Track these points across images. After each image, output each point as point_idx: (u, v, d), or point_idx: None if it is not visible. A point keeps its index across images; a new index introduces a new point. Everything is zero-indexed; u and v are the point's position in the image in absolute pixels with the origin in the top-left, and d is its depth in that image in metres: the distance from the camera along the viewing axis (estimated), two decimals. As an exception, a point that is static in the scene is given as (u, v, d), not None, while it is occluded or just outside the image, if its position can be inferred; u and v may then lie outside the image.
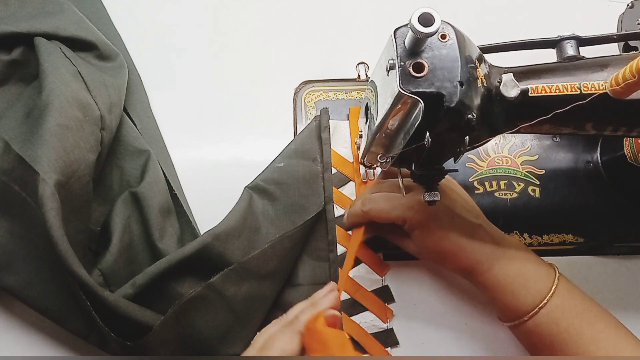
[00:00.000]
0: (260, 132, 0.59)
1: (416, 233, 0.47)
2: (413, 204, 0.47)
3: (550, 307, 0.43)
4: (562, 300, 0.43)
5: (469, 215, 0.47)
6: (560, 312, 0.43)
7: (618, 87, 0.35)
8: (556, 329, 0.43)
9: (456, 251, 0.46)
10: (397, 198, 0.48)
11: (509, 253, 0.46)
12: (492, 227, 0.48)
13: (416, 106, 0.35)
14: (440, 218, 0.46)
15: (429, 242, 0.47)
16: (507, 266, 0.45)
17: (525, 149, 0.57)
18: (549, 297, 0.43)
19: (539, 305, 0.43)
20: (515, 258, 0.45)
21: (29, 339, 0.50)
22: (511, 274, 0.45)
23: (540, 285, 0.44)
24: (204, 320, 0.46)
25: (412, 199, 0.47)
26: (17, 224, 0.47)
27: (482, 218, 0.48)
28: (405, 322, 0.52)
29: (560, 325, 0.43)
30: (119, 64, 0.56)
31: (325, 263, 0.52)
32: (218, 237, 0.48)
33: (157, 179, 0.52)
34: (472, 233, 0.46)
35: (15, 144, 0.46)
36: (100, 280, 0.47)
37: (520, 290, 0.44)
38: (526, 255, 0.46)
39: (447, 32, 0.36)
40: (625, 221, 0.55)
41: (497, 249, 0.46)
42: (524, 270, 0.45)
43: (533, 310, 0.43)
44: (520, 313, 0.44)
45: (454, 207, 0.47)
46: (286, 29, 0.64)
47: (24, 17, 0.54)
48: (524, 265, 0.45)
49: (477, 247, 0.46)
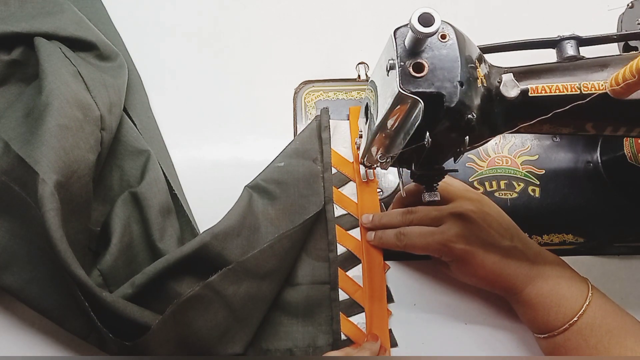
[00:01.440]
0: (260, 132, 0.59)
1: (452, 264, 0.48)
2: (445, 239, 0.47)
3: (581, 325, 0.43)
4: (592, 318, 0.44)
5: (502, 241, 0.47)
6: (590, 330, 0.43)
7: (618, 87, 0.35)
8: (584, 344, 0.43)
9: (492, 278, 0.47)
10: (430, 234, 0.48)
11: (543, 271, 0.46)
12: (527, 245, 0.48)
13: (416, 106, 0.35)
14: (474, 250, 0.46)
15: (466, 272, 0.48)
16: (541, 285, 0.46)
17: (525, 149, 0.57)
18: (579, 314, 0.44)
19: (569, 322, 0.44)
20: (549, 276, 0.46)
21: (29, 339, 0.50)
22: (544, 292, 0.45)
23: (573, 303, 0.44)
24: (203, 319, 0.46)
25: (444, 234, 0.47)
26: (17, 224, 0.47)
27: (517, 237, 0.48)
28: (405, 322, 0.52)
29: (589, 342, 0.43)
30: (119, 64, 0.56)
31: (325, 263, 0.52)
32: (217, 236, 0.48)
33: (157, 179, 0.52)
34: (507, 258, 0.46)
35: (15, 144, 0.46)
36: (100, 280, 0.47)
37: (552, 307, 0.45)
38: (560, 272, 0.46)
39: (447, 32, 0.36)
40: (625, 221, 0.55)
41: (531, 269, 0.46)
42: (557, 288, 0.45)
43: (563, 327, 0.44)
44: (550, 328, 0.45)
45: (486, 236, 0.47)
46: (286, 29, 0.64)
47: (24, 17, 0.54)
48: (558, 284, 0.45)
49: (513, 270, 0.46)
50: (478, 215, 0.47)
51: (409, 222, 0.50)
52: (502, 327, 0.52)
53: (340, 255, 0.52)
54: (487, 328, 0.52)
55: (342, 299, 0.51)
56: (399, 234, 0.49)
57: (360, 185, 0.54)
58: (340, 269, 0.52)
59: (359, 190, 0.54)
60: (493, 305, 0.52)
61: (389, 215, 0.51)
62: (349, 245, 0.53)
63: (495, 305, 0.52)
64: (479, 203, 0.48)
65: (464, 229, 0.46)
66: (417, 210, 0.50)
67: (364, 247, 0.52)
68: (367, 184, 0.54)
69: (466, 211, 0.47)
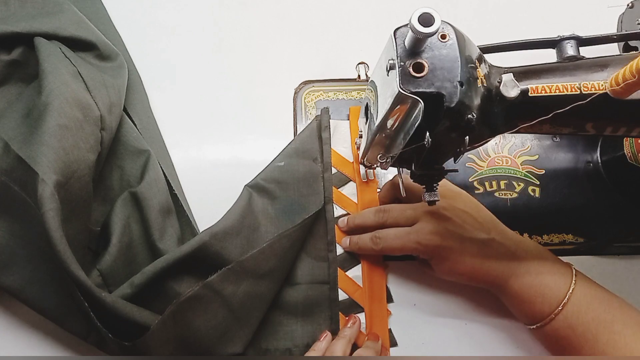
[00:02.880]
0: (260, 132, 0.59)
1: (432, 262, 0.48)
2: (420, 238, 0.47)
3: (566, 314, 0.43)
4: (578, 306, 0.43)
5: (479, 234, 0.47)
6: (576, 318, 0.43)
7: (618, 87, 0.35)
8: (572, 333, 0.43)
9: (472, 272, 0.47)
10: (405, 233, 0.48)
11: (524, 262, 0.46)
12: (506, 236, 0.47)
13: (416, 106, 0.35)
14: (450, 246, 0.46)
15: (445, 268, 0.48)
16: (524, 276, 0.45)
17: (525, 149, 0.57)
18: (564, 302, 0.43)
19: (554, 312, 0.44)
20: (531, 266, 0.46)
21: (29, 339, 0.50)
22: (528, 283, 0.45)
23: (556, 291, 0.44)
24: (202, 319, 0.46)
25: (419, 233, 0.47)
26: (16, 224, 0.47)
27: (495, 230, 0.48)
28: (405, 322, 0.52)
29: (577, 330, 0.43)
30: (119, 64, 0.56)
31: (325, 263, 0.52)
32: (215, 235, 0.48)
33: (157, 178, 0.52)
34: (485, 251, 0.46)
35: (15, 144, 0.46)
36: (99, 280, 0.47)
37: (537, 297, 0.45)
38: (542, 261, 0.46)
39: (447, 32, 0.36)
40: (625, 221, 0.55)
41: (512, 261, 0.46)
42: (540, 278, 0.45)
43: (549, 316, 0.44)
44: (537, 319, 0.45)
45: (462, 231, 0.47)
46: (286, 29, 0.63)
47: (24, 17, 0.54)
48: (540, 273, 0.45)
49: (492, 263, 0.46)
50: (451, 211, 0.47)
51: (384, 221, 0.50)
52: (502, 326, 0.52)
53: (339, 255, 0.52)
54: (487, 328, 0.52)
55: (341, 299, 0.51)
56: (375, 237, 0.49)
57: (360, 185, 0.54)
58: (339, 269, 0.52)
59: (359, 190, 0.54)
60: (493, 305, 0.52)
61: (362, 216, 0.52)
62: (348, 245, 0.53)
63: (495, 305, 0.52)
64: (452, 199, 0.48)
65: (438, 225, 0.47)
66: (391, 208, 0.50)
67: None
68: (367, 184, 0.54)
69: (438, 208, 0.47)
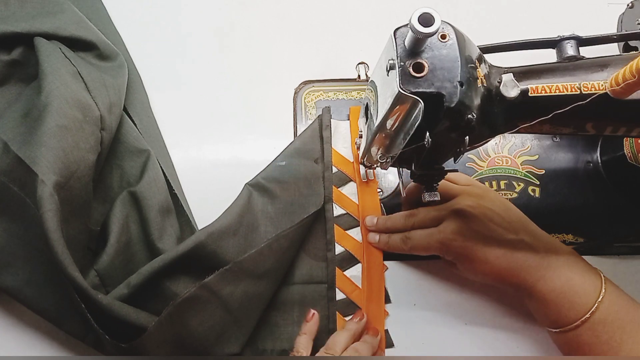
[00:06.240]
0: (260, 132, 0.59)
1: (457, 263, 0.48)
2: (443, 238, 0.47)
3: (593, 322, 0.43)
4: (605, 314, 0.43)
5: (506, 234, 0.46)
6: (602, 326, 0.43)
7: (618, 87, 0.35)
8: (596, 340, 0.43)
9: (497, 273, 0.46)
10: (430, 235, 0.48)
11: (554, 265, 0.45)
12: (536, 238, 0.46)
13: (416, 106, 0.35)
14: (473, 246, 0.46)
15: (469, 268, 0.47)
16: (552, 280, 0.44)
17: (525, 149, 0.57)
18: (592, 311, 0.43)
19: (581, 319, 0.43)
20: (561, 270, 0.45)
21: (29, 339, 0.50)
22: (556, 288, 0.44)
23: (585, 299, 0.43)
24: (199, 320, 0.46)
25: (442, 233, 0.47)
26: (16, 224, 0.47)
27: (524, 230, 0.46)
28: (404, 322, 0.52)
29: (601, 338, 0.42)
30: (119, 64, 0.56)
31: (323, 262, 0.52)
32: (212, 234, 0.47)
33: (156, 178, 0.52)
34: (512, 252, 0.45)
35: (14, 144, 0.46)
36: (97, 280, 0.47)
37: (564, 303, 0.44)
38: (572, 266, 0.45)
39: (447, 32, 0.36)
40: (625, 221, 0.55)
41: (541, 263, 0.45)
42: (569, 284, 0.44)
43: (575, 323, 0.43)
44: (561, 324, 0.44)
45: (487, 231, 0.46)
46: (286, 29, 0.63)
47: (24, 17, 0.54)
48: (570, 279, 0.44)
49: (520, 265, 0.45)
50: (477, 210, 0.46)
51: (411, 225, 0.50)
52: (502, 327, 0.52)
53: (338, 254, 0.52)
54: (487, 328, 0.52)
55: (339, 299, 0.51)
56: (405, 237, 0.49)
57: (361, 185, 0.54)
58: (338, 268, 0.52)
59: (359, 190, 0.54)
60: (493, 305, 0.52)
61: (392, 219, 0.51)
62: (347, 245, 0.53)
63: (495, 305, 0.52)
64: (479, 198, 0.48)
65: (462, 225, 0.46)
66: (418, 212, 0.50)
67: (364, 248, 0.52)
68: (367, 184, 0.54)
69: (464, 207, 0.46)
